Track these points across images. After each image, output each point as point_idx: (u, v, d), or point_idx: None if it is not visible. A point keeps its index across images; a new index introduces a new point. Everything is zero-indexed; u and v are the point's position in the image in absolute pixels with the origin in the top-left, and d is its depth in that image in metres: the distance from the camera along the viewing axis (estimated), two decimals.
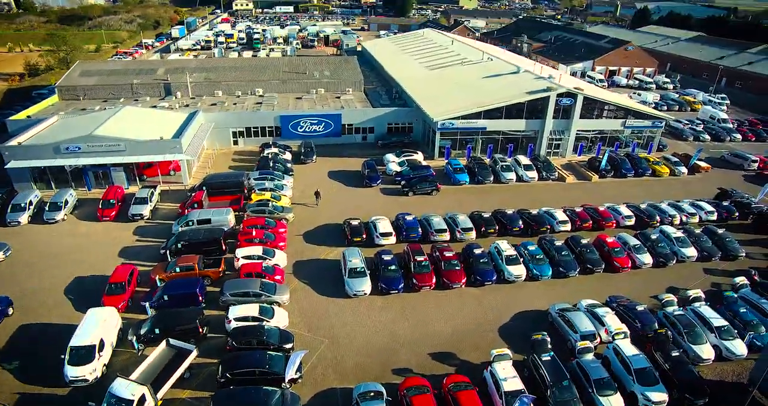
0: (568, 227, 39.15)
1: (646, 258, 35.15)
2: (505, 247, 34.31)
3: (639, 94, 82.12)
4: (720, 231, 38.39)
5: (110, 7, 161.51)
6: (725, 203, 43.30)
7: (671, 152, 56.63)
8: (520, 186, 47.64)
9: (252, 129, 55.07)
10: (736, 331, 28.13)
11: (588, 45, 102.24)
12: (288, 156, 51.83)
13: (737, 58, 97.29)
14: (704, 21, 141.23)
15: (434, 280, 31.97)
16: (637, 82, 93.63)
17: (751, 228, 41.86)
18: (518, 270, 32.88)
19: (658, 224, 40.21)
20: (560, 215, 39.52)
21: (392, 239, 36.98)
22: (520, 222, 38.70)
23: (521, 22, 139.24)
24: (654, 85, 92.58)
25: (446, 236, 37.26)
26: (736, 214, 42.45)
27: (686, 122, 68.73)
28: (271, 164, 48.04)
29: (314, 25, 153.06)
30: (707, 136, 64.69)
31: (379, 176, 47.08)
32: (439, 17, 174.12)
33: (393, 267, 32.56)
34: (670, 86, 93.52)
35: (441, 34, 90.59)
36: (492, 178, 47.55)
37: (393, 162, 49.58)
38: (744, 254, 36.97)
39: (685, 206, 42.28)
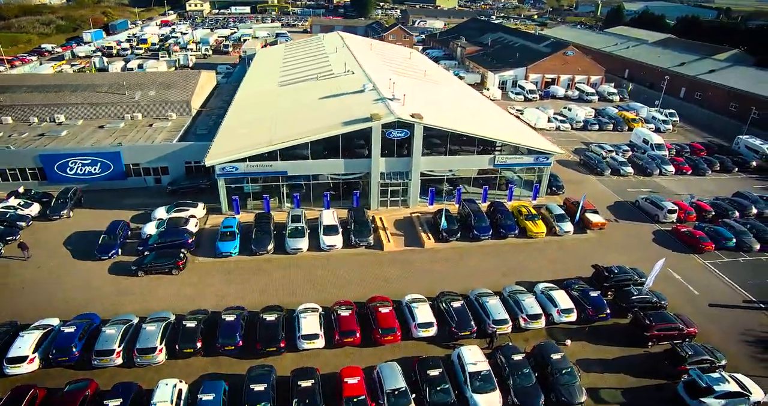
0: (322, 343, 25.18)
1: None
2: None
3: (569, 109, 67.97)
4: (556, 356, 24.24)
5: (31, 7, 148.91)
6: (594, 294, 29.08)
7: (564, 198, 42.47)
8: (313, 259, 33.57)
9: (8, 171, 41.65)
10: None
11: (526, 49, 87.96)
12: (33, 209, 38.37)
13: (699, 65, 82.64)
14: (678, 22, 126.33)
15: None
16: (577, 93, 79.34)
17: (628, 335, 27.74)
18: None
19: (471, 333, 26.22)
20: (308, 324, 25.53)
21: (30, 366, 23.46)
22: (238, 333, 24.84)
23: (470, 23, 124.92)
24: (596, 97, 78.22)
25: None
26: (606, 312, 28.28)
27: (610, 149, 54.46)
28: None
29: (250, 27, 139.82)
30: (630, 169, 50.29)
31: (117, 245, 33.39)
32: (387, 18, 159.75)
33: None
34: (617, 98, 79.11)
35: (341, 38, 76.64)
36: (272, 247, 33.68)
37: (156, 220, 36.09)
38: (581, 401, 22.88)
39: (527, 300, 28.05)
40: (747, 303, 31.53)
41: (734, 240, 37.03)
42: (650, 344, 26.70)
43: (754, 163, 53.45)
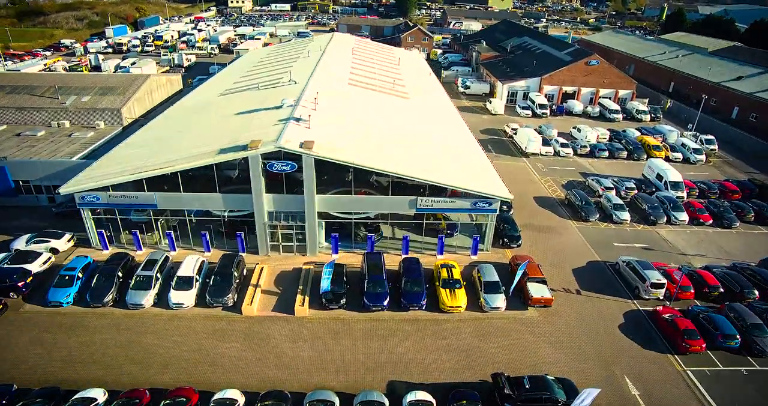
0: None
1: None
2: None
3: (579, 130, 57.12)
4: None
5: (73, 4, 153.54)
6: None
7: (513, 255, 32.85)
8: (153, 319, 26.62)
9: None
10: None
11: (545, 56, 76.68)
12: None
13: (762, 79, 67.98)
14: (749, 27, 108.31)
15: None
16: (598, 109, 67.47)
17: None
18: None
19: None
20: None
21: None
22: None
23: (500, 26, 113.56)
24: (620, 116, 66.09)
25: None
26: None
27: (609, 185, 43.66)
28: None
29: (274, 25, 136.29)
30: (626, 215, 39.41)
31: None
32: (428, 18, 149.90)
33: None
34: (647, 117, 66.50)
35: (329, 39, 69.48)
36: (111, 298, 27.20)
37: (13, 251, 30.94)
38: None
39: None
40: None
41: (738, 338, 26.27)
42: None
43: None
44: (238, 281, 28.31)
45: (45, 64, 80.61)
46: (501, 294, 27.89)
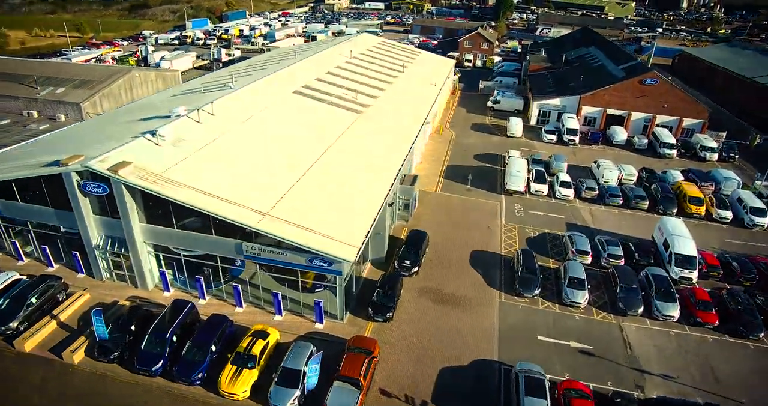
0: None
1: None
2: None
3: (598, 165, 45.42)
4: None
5: None
6: None
7: (354, 337, 24.93)
8: None
9: None
10: None
11: (600, 71, 63.27)
12: None
13: None
14: None
15: None
16: (645, 141, 53.51)
17: None
18: None
19: None
20: None
21: None
22: None
23: (575, 34, 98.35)
24: (674, 151, 51.55)
25: None
26: None
27: (586, 249, 32.64)
28: None
29: (346, 24, 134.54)
30: (580, 297, 28.41)
31: None
32: (499, 22, 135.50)
33: None
34: (714, 156, 51.03)
35: (344, 40, 64.14)
36: None
37: None
38: None
39: None
40: None
41: None
42: None
43: None
44: (32, 307, 24.82)
45: (101, 54, 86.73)
46: (296, 390, 20.69)
